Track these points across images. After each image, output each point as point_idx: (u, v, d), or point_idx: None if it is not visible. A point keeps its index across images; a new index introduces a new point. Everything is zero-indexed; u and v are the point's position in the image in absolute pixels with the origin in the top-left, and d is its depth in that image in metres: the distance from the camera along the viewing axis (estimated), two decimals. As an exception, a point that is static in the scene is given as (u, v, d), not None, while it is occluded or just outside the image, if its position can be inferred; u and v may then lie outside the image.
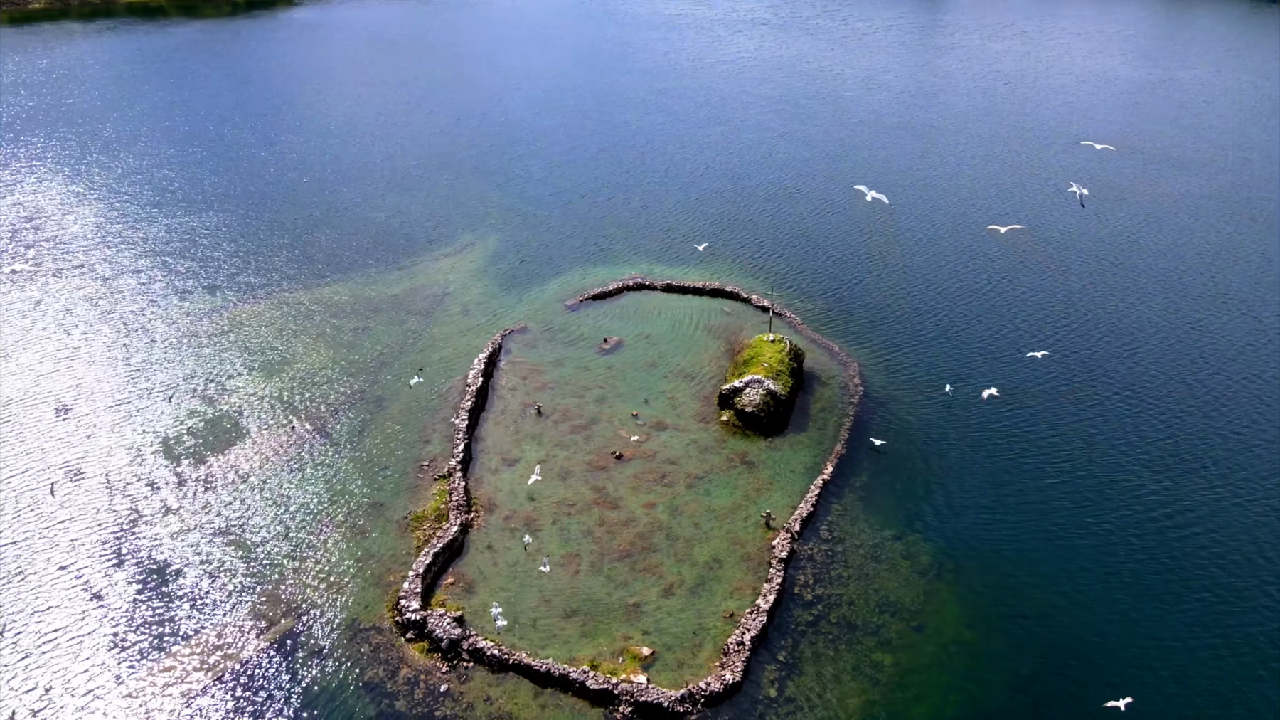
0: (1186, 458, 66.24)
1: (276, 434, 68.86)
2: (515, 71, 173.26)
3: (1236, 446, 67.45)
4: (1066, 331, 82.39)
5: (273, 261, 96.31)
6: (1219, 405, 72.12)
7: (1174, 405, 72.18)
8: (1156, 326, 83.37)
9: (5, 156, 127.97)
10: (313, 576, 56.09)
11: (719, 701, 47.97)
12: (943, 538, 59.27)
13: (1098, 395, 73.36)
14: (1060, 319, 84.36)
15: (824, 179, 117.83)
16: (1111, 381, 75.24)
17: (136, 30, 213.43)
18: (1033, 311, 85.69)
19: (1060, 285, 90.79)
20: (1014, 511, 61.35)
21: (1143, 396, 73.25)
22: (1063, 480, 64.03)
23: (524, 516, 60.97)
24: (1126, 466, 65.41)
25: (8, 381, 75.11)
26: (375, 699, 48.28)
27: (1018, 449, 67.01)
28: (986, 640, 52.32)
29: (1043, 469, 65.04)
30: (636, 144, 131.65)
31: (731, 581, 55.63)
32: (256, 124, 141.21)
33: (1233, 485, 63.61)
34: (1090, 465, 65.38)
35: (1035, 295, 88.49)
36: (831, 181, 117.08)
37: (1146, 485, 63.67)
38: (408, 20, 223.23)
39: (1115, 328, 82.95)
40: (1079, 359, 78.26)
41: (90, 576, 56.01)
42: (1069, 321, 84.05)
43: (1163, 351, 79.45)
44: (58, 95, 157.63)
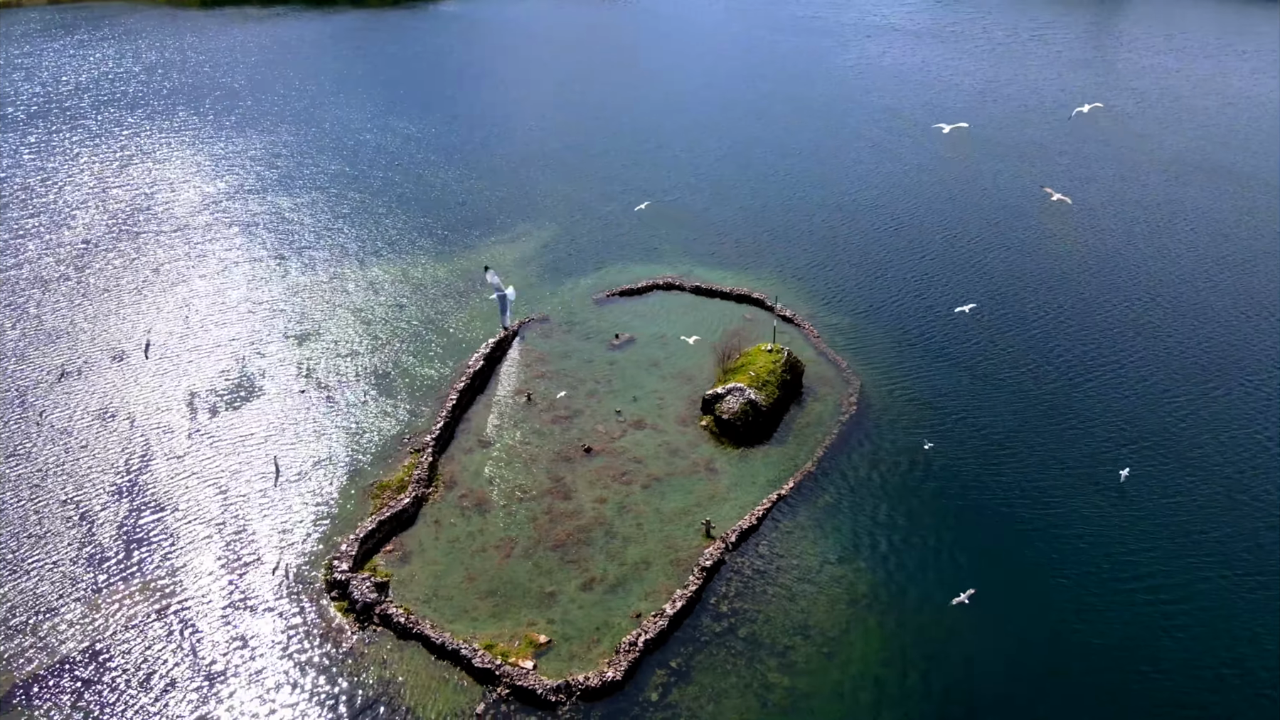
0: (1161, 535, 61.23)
1: (286, 399, 73.98)
2: (636, 70, 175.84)
3: (1227, 531, 61.72)
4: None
5: (340, 239, 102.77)
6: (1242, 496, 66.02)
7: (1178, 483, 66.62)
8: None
9: (152, 125, 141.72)
10: (272, 530, 60.38)
11: (595, 697, 48.67)
12: (886, 571, 57.34)
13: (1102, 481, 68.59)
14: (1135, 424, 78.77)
15: (904, 195, 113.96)
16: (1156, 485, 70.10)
17: (303, 17, 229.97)
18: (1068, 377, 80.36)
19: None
20: (968, 557, 58.47)
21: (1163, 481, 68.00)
22: (1026, 537, 60.38)
23: (478, 496, 63.30)
24: (1107, 546, 61.14)
25: (84, 327, 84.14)
26: (284, 649, 51.78)
27: (990, 500, 63.30)
28: (899, 679, 50.53)
29: (1009, 524, 61.40)
30: (720, 145, 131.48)
31: (653, 584, 55.98)
32: (378, 109, 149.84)
33: (1219, 559, 58.38)
34: (1062, 535, 61.37)
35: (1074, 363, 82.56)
36: (909, 197, 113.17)
37: (1114, 556, 59.35)
38: (552, 16, 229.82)
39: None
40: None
41: (84, 502, 62.42)
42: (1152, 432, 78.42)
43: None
44: (213, 74, 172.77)
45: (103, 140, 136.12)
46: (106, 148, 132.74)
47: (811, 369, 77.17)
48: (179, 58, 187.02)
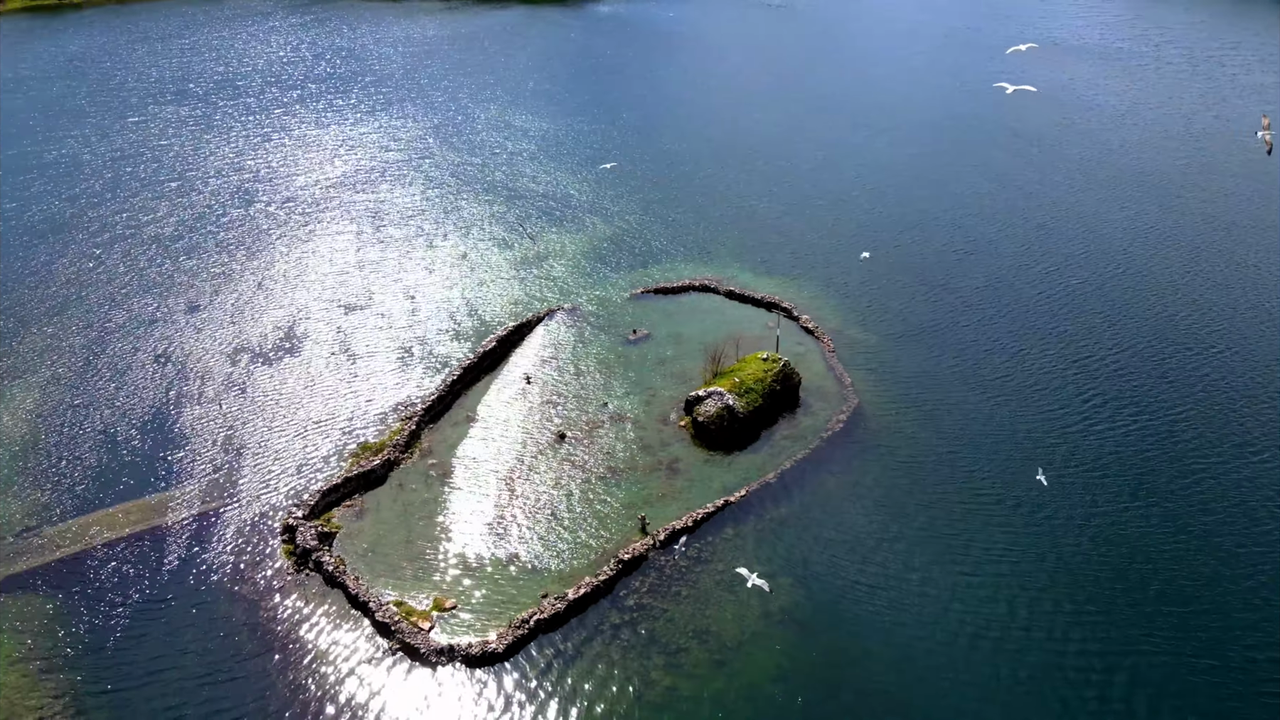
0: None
1: (314, 362, 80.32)
2: (770, 75, 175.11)
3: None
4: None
5: (419, 221, 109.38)
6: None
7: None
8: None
9: (301, 106, 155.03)
10: (257, 475, 66.33)
11: (476, 664, 51.05)
12: (809, 591, 56.41)
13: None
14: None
15: (988, 221, 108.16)
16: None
17: (469, 11, 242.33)
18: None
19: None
20: (899, 594, 56.52)
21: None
22: (964, 588, 57.58)
23: (446, 467, 66.90)
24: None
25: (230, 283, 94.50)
26: (226, 581, 57.16)
27: (947, 549, 60.49)
28: (788, 697, 50.05)
29: (953, 571, 58.70)
30: (813, 154, 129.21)
31: (571, 569, 57.66)
32: (507, 104, 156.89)
33: (1170, 630, 53.59)
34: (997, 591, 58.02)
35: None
36: (994, 224, 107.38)
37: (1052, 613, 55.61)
38: (709, 20, 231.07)
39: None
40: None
41: (112, 429, 70.69)
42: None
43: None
44: (370, 62, 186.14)
45: (255, 116, 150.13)
46: (254, 124, 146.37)
47: (815, 383, 75.98)
48: (348, 45, 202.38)
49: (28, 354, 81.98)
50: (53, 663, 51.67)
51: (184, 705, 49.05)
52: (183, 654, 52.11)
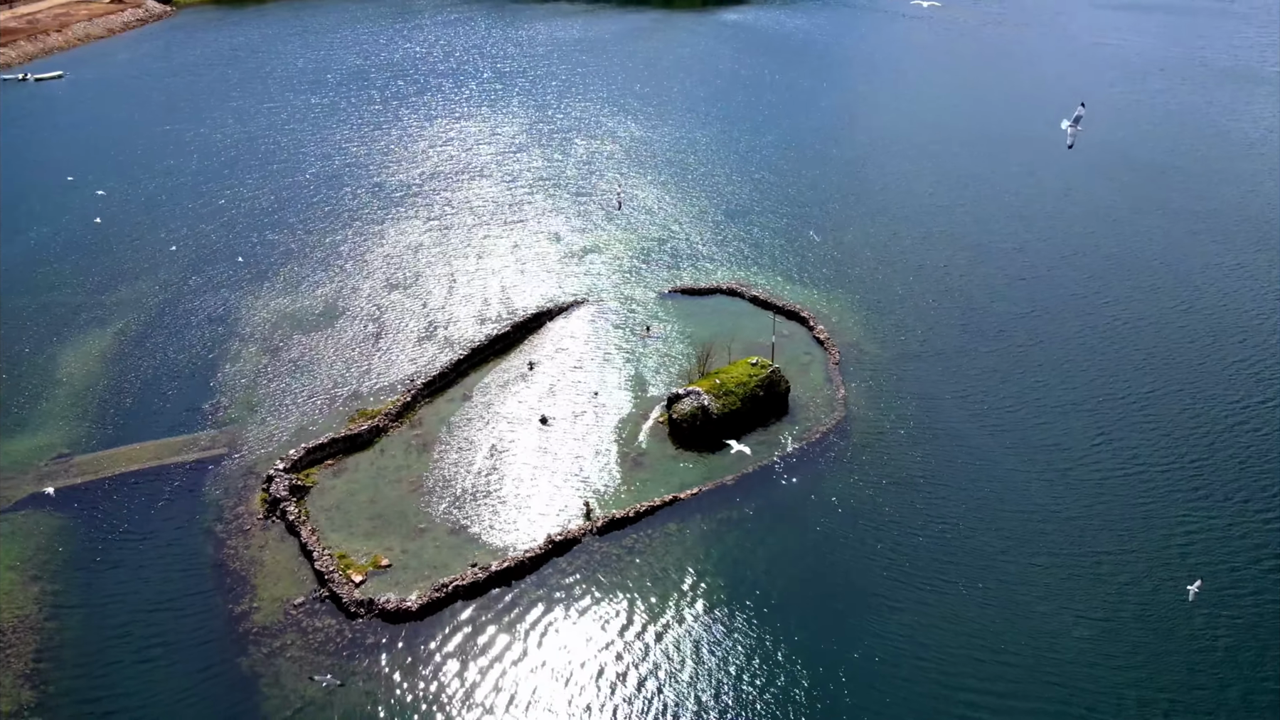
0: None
1: (345, 333, 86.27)
2: (877, 94, 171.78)
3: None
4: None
5: (490, 210, 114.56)
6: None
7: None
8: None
9: (427, 99, 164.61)
10: (265, 429, 72.33)
11: (390, 619, 54.49)
12: (734, 594, 56.79)
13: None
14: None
15: (1058, 251, 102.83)
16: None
17: (606, 14, 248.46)
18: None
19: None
20: (818, 615, 56.04)
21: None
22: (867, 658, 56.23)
23: (428, 439, 70.89)
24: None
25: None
26: (208, 515, 63.09)
27: (878, 587, 59.17)
28: (651, 696, 50.94)
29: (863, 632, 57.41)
30: (897, 180, 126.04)
31: (508, 544, 60.17)
32: (604, 106, 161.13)
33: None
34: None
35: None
36: (1062, 255, 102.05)
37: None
38: (841, 28, 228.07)
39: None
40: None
41: (156, 374, 78.60)
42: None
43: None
44: (496, 59, 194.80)
45: (374, 108, 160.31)
46: (370, 114, 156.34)
47: (809, 393, 75.53)
48: (479, 43, 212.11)
49: (111, 305, 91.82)
50: (41, 573, 58.69)
51: (132, 626, 54.77)
52: (145, 582, 58.03)
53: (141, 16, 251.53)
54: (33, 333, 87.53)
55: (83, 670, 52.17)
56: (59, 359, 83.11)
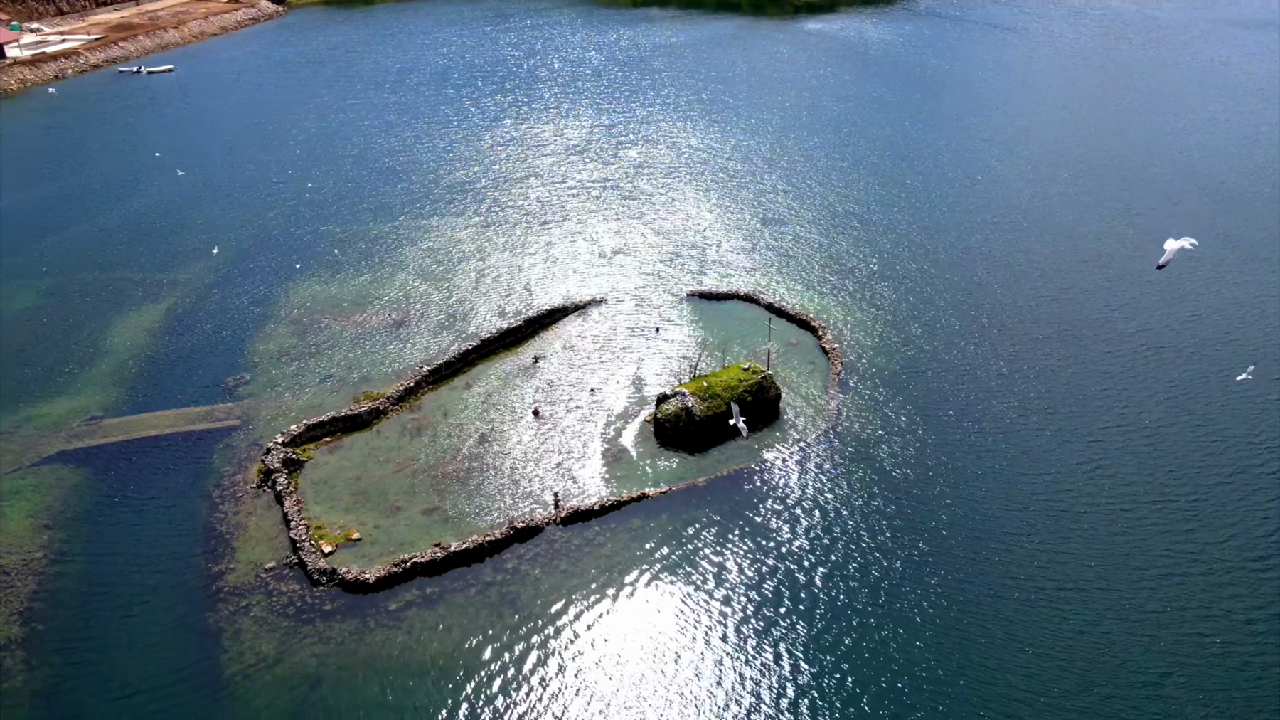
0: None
1: (370, 320, 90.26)
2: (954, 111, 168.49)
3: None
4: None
5: (533, 214, 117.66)
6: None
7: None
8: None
9: (506, 100, 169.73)
10: (272, 407, 76.51)
11: (348, 589, 57.27)
12: (677, 592, 57.63)
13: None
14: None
15: (1101, 273, 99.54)
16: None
17: (692, 20, 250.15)
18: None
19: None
20: (754, 626, 56.28)
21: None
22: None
23: (424, 423, 73.84)
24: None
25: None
26: (211, 482, 67.27)
27: (820, 610, 58.90)
28: (605, 682, 52.24)
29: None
30: (948, 194, 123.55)
31: (475, 527, 62.34)
32: (666, 113, 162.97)
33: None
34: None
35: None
36: (1105, 278, 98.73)
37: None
38: (919, 39, 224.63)
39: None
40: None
41: (192, 349, 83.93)
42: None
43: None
44: (576, 64, 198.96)
45: (446, 107, 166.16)
46: (441, 113, 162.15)
47: (803, 403, 75.46)
48: (561, 46, 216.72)
49: (166, 284, 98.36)
50: (53, 522, 63.80)
51: (120, 578, 58.95)
52: (140, 538, 62.39)
53: (254, 15, 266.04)
54: (93, 305, 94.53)
55: (70, 614, 56.61)
56: (109, 330, 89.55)
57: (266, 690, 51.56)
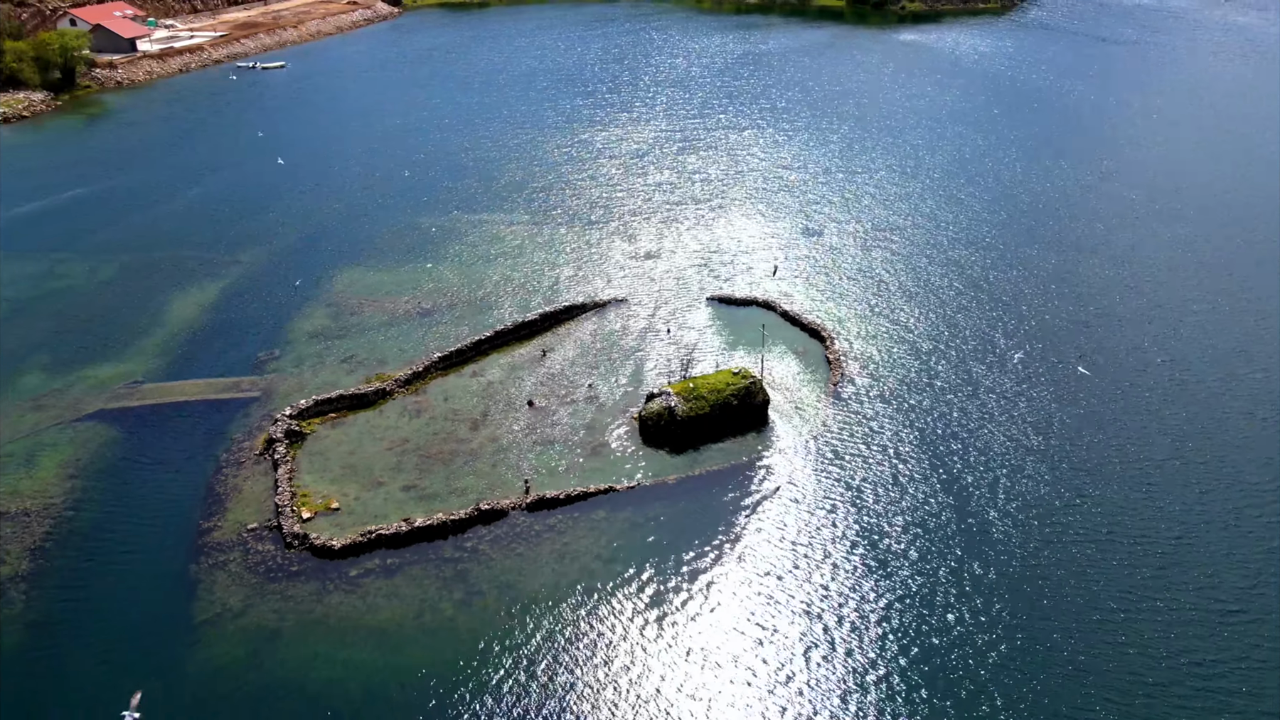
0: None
1: (401, 308, 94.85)
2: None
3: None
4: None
5: (582, 213, 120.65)
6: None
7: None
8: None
9: (583, 104, 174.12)
10: (293, 382, 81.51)
11: (317, 554, 61.09)
12: (632, 580, 59.24)
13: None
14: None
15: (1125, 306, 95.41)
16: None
17: (787, 29, 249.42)
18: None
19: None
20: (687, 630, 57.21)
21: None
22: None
23: (423, 406, 77.54)
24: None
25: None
26: (223, 448, 72.52)
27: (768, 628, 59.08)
28: (542, 660, 54.44)
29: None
30: (1001, 216, 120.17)
31: (447, 507, 65.33)
32: (735, 119, 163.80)
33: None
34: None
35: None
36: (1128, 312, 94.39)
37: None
38: (1017, 52, 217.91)
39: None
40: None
41: (233, 325, 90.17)
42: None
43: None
44: (656, 69, 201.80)
45: (516, 106, 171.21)
46: (509, 112, 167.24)
47: (794, 410, 75.79)
48: (641, 52, 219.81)
49: (228, 264, 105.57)
50: (78, 473, 70.05)
51: (124, 527, 64.49)
52: (150, 494, 67.89)
53: (369, 16, 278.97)
54: (161, 280, 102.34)
55: (74, 555, 62.29)
56: (168, 304, 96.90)
57: (228, 639, 55.69)
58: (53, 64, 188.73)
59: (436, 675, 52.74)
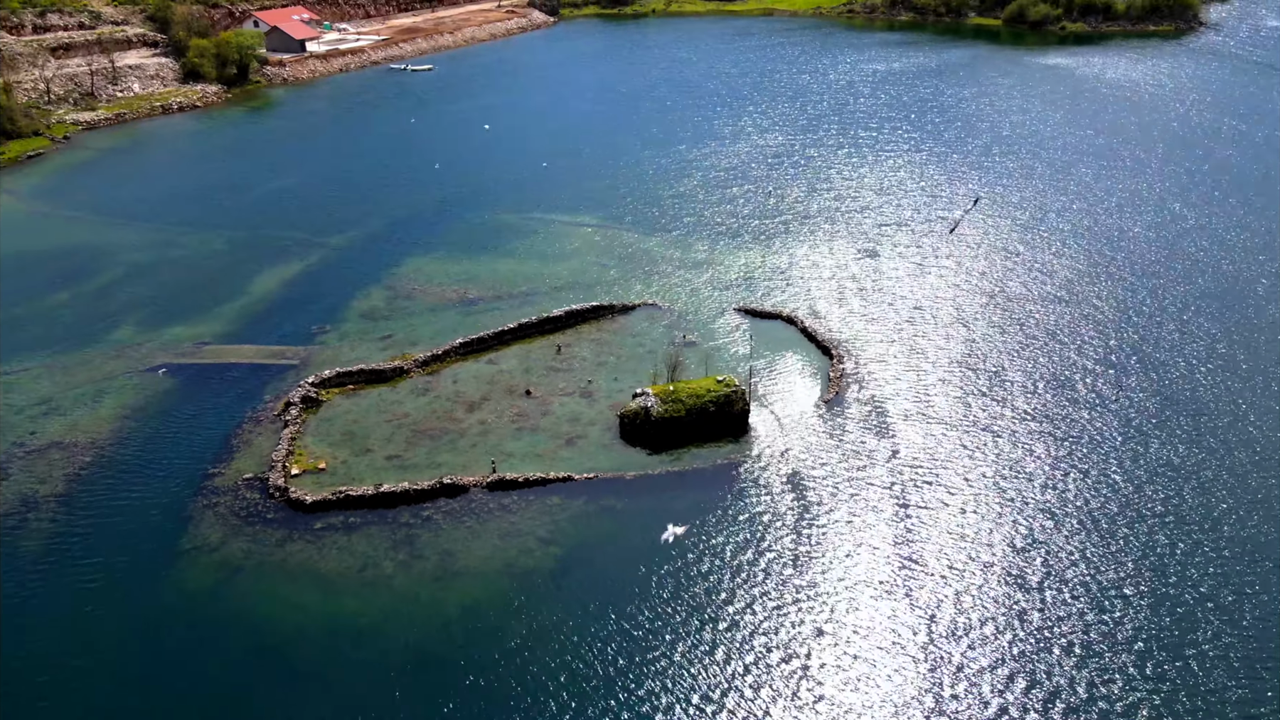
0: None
1: (451, 295, 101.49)
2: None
3: None
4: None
5: (657, 221, 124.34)
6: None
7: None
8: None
9: (709, 119, 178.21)
10: (330, 355, 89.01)
11: (289, 505, 67.53)
12: (559, 565, 62.41)
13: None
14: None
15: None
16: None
17: (931, 47, 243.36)
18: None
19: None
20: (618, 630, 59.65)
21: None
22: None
23: (431, 385, 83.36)
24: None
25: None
26: (253, 406, 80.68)
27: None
28: (465, 625, 58.67)
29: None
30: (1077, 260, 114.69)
31: (422, 477, 70.42)
32: (840, 135, 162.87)
33: None
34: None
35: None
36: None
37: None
38: (1174, 82, 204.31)
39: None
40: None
41: (297, 304, 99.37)
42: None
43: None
44: (777, 85, 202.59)
45: (648, 116, 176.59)
46: (626, 120, 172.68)
47: (783, 423, 76.72)
48: (776, 67, 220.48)
49: (316, 245, 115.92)
50: (129, 415, 79.76)
51: (146, 466, 73.18)
52: (180, 441, 76.20)
53: (524, 25, 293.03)
54: (257, 256, 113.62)
55: (102, 483, 71.35)
56: (255, 277, 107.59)
57: (200, 568, 62.83)
58: (230, 60, 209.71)
59: (365, 622, 57.57)
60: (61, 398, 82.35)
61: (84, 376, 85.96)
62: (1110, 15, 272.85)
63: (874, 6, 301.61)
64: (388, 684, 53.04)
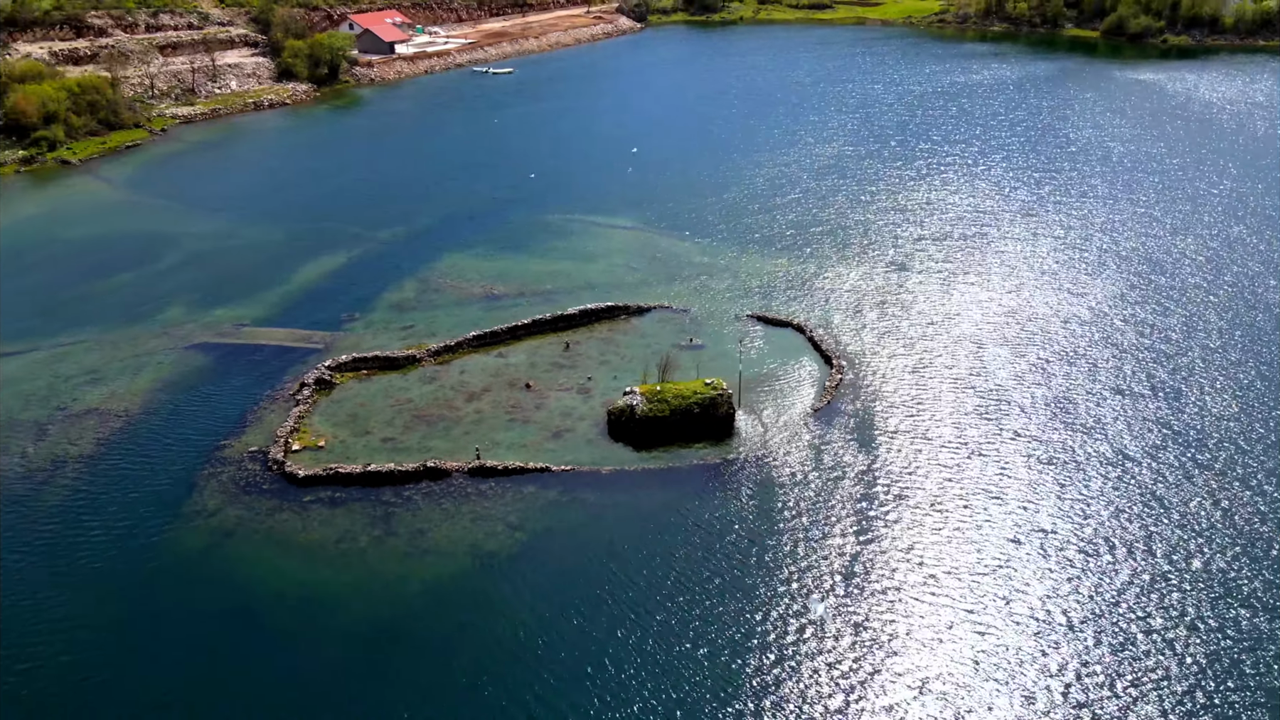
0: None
1: (477, 290, 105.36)
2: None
3: None
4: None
5: (707, 225, 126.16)
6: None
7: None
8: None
9: (781, 128, 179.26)
10: (353, 342, 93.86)
11: (283, 479, 71.92)
12: (525, 548, 64.95)
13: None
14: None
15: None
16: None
17: (1019, 59, 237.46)
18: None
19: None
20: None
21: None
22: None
23: (436, 374, 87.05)
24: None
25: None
26: (273, 387, 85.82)
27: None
28: (427, 604, 61.91)
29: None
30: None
31: (410, 459, 74.01)
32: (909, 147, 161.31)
33: None
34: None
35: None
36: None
37: None
38: (1272, 102, 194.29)
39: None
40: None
41: (329, 295, 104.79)
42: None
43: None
44: (849, 96, 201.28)
45: (709, 124, 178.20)
46: (678, 128, 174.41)
47: (761, 428, 77.58)
48: (854, 76, 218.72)
49: (364, 238, 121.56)
50: (163, 387, 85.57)
51: (167, 435, 78.74)
52: (202, 415, 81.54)
53: (609, 31, 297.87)
54: (309, 246, 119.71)
55: (124, 447, 77.08)
56: (303, 265, 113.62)
57: (196, 530, 67.58)
58: (322, 61, 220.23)
59: (334, 590, 61.19)
60: (106, 368, 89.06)
61: (129, 350, 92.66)
62: (1217, 29, 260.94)
63: (966, 16, 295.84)
64: (348, 649, 56.34)
